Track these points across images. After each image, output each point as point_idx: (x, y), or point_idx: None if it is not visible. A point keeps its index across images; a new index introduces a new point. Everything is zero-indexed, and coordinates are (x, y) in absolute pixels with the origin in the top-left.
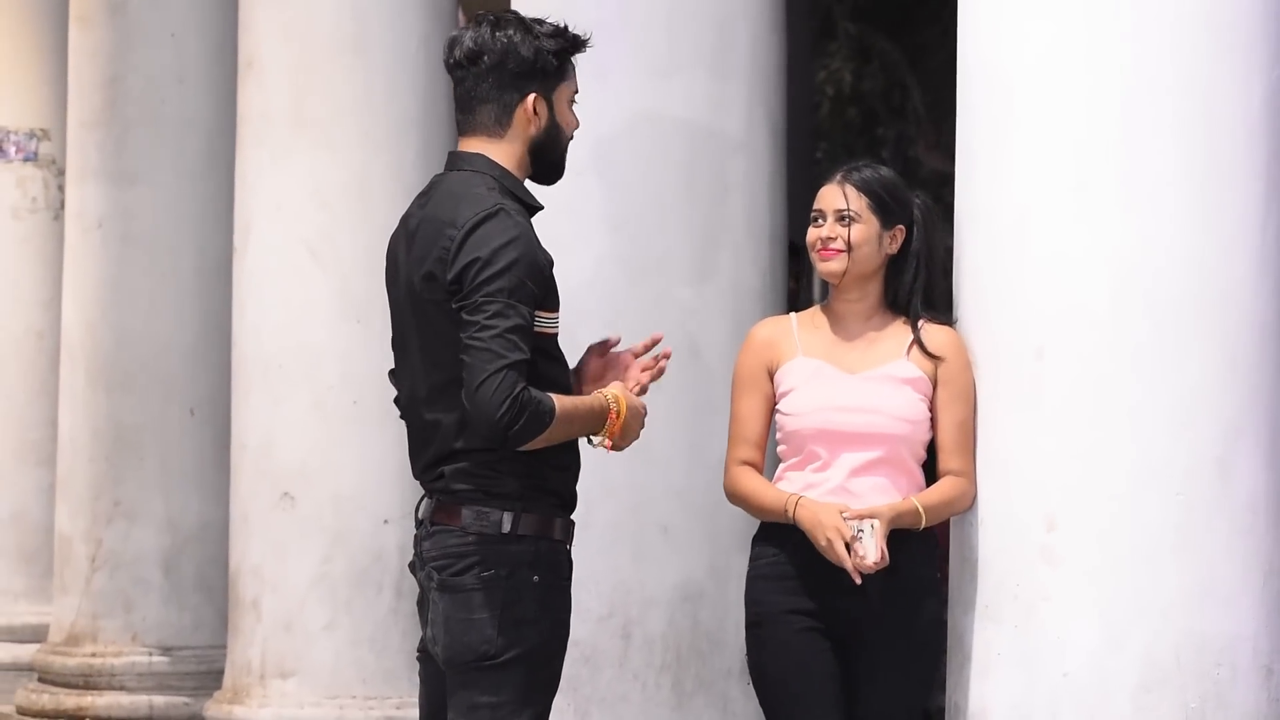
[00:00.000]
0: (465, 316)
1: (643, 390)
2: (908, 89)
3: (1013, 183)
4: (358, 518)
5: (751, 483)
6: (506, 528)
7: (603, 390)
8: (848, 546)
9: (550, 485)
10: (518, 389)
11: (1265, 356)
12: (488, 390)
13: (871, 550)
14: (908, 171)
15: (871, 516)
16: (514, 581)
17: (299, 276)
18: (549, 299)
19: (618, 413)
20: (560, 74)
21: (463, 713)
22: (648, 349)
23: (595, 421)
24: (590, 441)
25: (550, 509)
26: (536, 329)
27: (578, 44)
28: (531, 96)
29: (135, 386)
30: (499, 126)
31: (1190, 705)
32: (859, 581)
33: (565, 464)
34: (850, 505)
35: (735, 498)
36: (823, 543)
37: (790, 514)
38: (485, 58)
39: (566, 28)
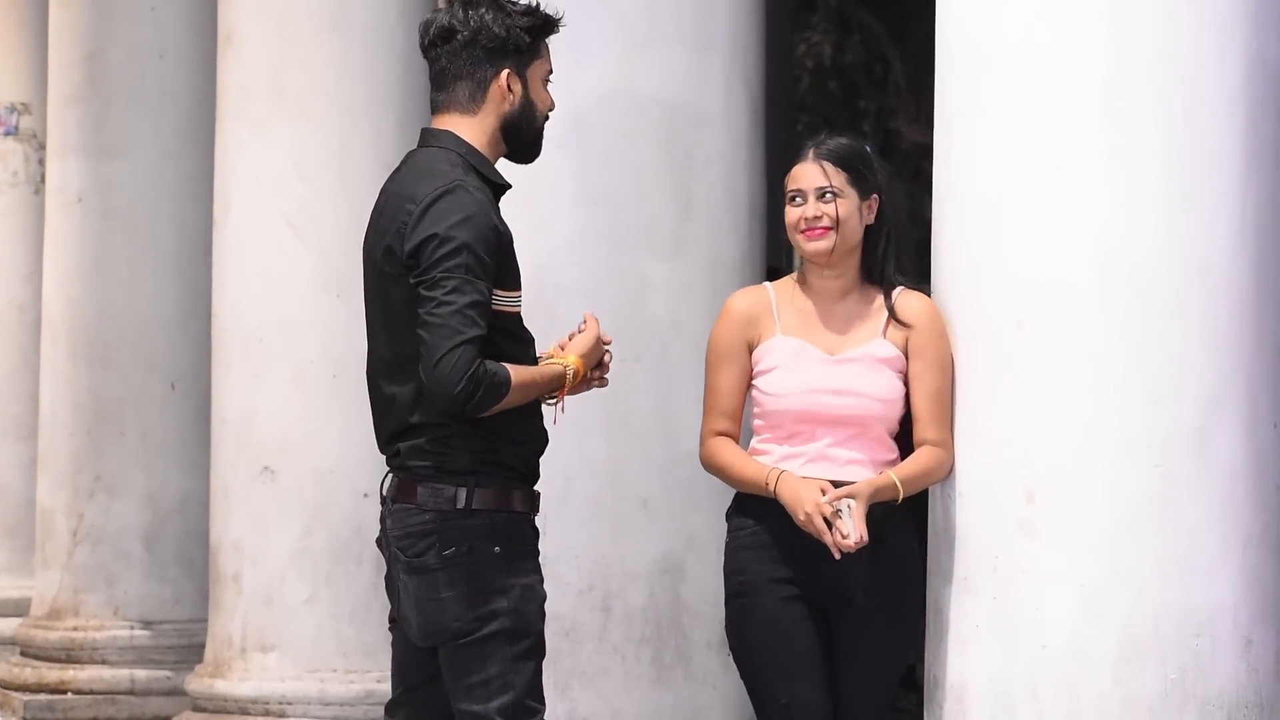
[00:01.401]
0: (423, 292)
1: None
2: (889, 62)
3: (992, 155)
4: (338, 491)
5: (729, 454)
6: (461, 503)
7: (562, 358)
8: (828, 523)
9: (504, 459)
10: (475, 365)
11: (1244, 328)
12: (445, 366)
13: (852, 530)
14: (888, 144)
15: (850, 496)
16: (475, 556)
17: (279, 250)
18: (507, 277)
19: (573, 374)
20: (534, 51)
21: (461, 695)
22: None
23: (551, 386)
24: (548, 401)
25: (506, 481)
26: (496, 307)
27: (550, 23)
28: (505, 72)
29: (116, 361)
30: (473, 103)
31: (1170, 677)
32: (838, 557)
33: (522, 438)
34: (829, 472)
35: (712, 467)
36: (801, 518)
37: (771, 488)
38: (459, 35)
39: (539, 6)
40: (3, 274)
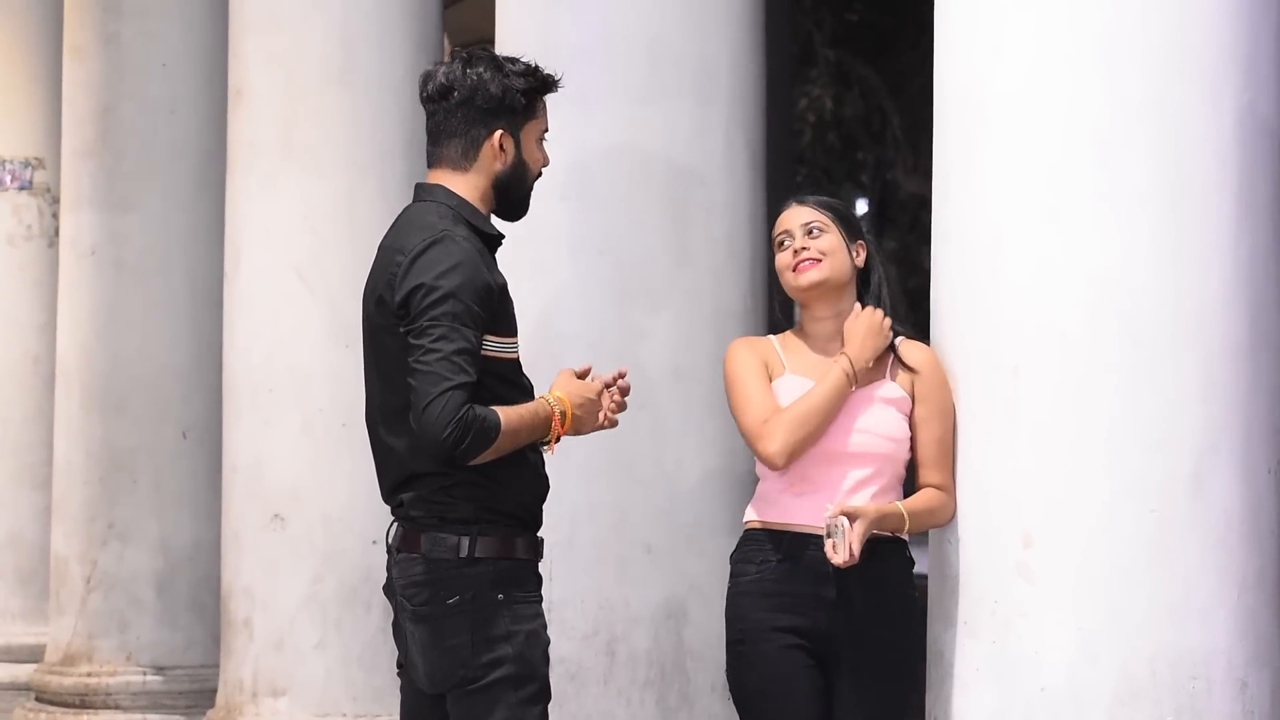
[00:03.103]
0: (412, 341)
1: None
2: (887, 115)
3: (988, 204)
4: (347, 538)
5: (788, 407)
6: (463, 552)
7: (545, 396)
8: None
9: (505, 507)
10: (462, 410)
11: (1238, 373)
12: (433, 412)
13: (841, 549)
14: (887, 195)
15: (857, 515)
16: (480, 603)
17: (288, 301)
18: (500, 323)
19: (562, 415)
20: (529, 112)
21: None
22: (616, 379)
23: (543, 428)
24: (540, 446)
25: (508, 529)
26: (490, 353)
27: (548, 84)
28: (498, 133)
29: (129, 410)
30: (465, 160)
31: (1165, 718)
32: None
33: (523, 485)
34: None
35: (785, 433)
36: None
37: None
38: (455, 93)
39: (538, 67)
40: (18, 325)
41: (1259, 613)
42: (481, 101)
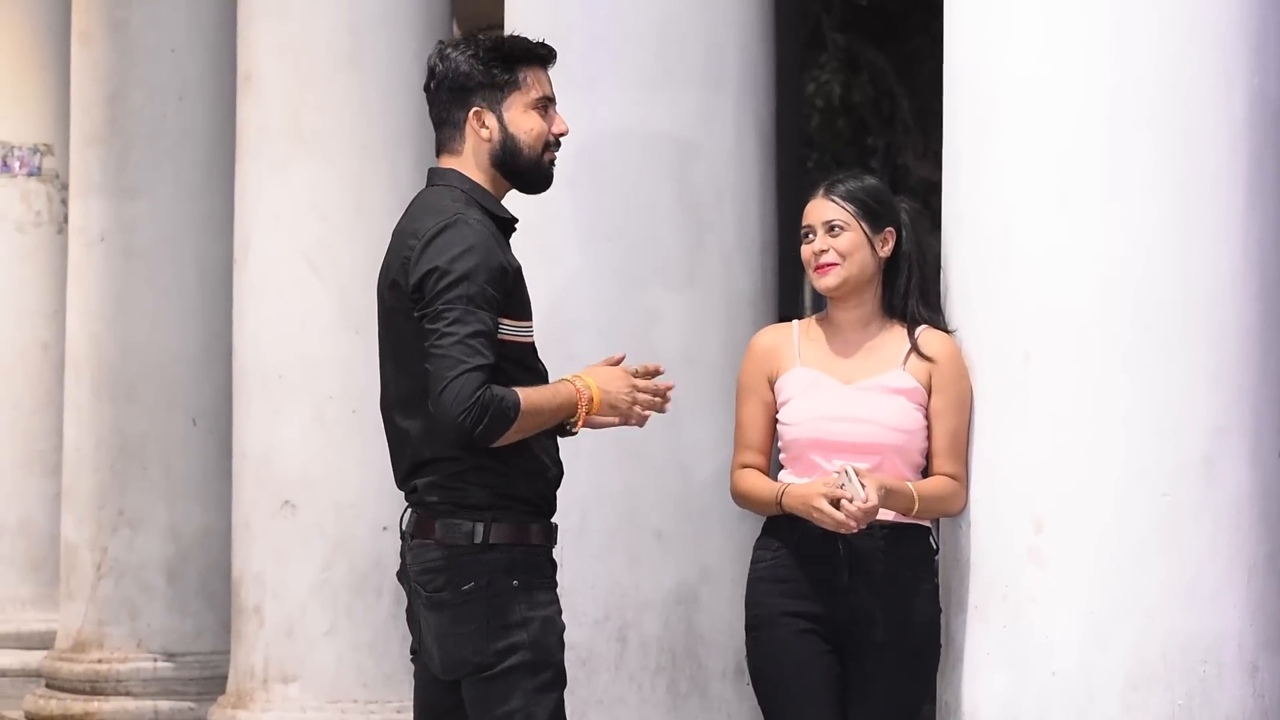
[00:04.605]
0: (427, 325)
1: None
2: (896, 99)
3: (998, 189)
4: (357, 525)
5: (750, 480)
6: (478, 538)
7: (569, 378)
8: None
9: (520, 493)
10: (480, 391)
11: (1249, 358)
12: (450, 395)
13: (858, 491)
14: (896, 180)
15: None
16: (494, 589)
17: (298, 287)
18: (515, 307)
19: (590, 398)
20: (511, 84)
21: None
22: (647, 373)
23: (566, 410)
24: (565, 428)
25: (523, 515)
26: (505, 337)
27: (529, 52)
28: (473, 110)
29: (139, 397)
30: (457, 144)
31: (1177, 703)
32: (855, 529)
33: (537, 470)
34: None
35: (739, 497)
36: (816, 516)
37: (780, 504)
38: (434, 80)
39: (510, 36)
40: (27, 312)
41: (1269, 596)
42: (452, 82)
